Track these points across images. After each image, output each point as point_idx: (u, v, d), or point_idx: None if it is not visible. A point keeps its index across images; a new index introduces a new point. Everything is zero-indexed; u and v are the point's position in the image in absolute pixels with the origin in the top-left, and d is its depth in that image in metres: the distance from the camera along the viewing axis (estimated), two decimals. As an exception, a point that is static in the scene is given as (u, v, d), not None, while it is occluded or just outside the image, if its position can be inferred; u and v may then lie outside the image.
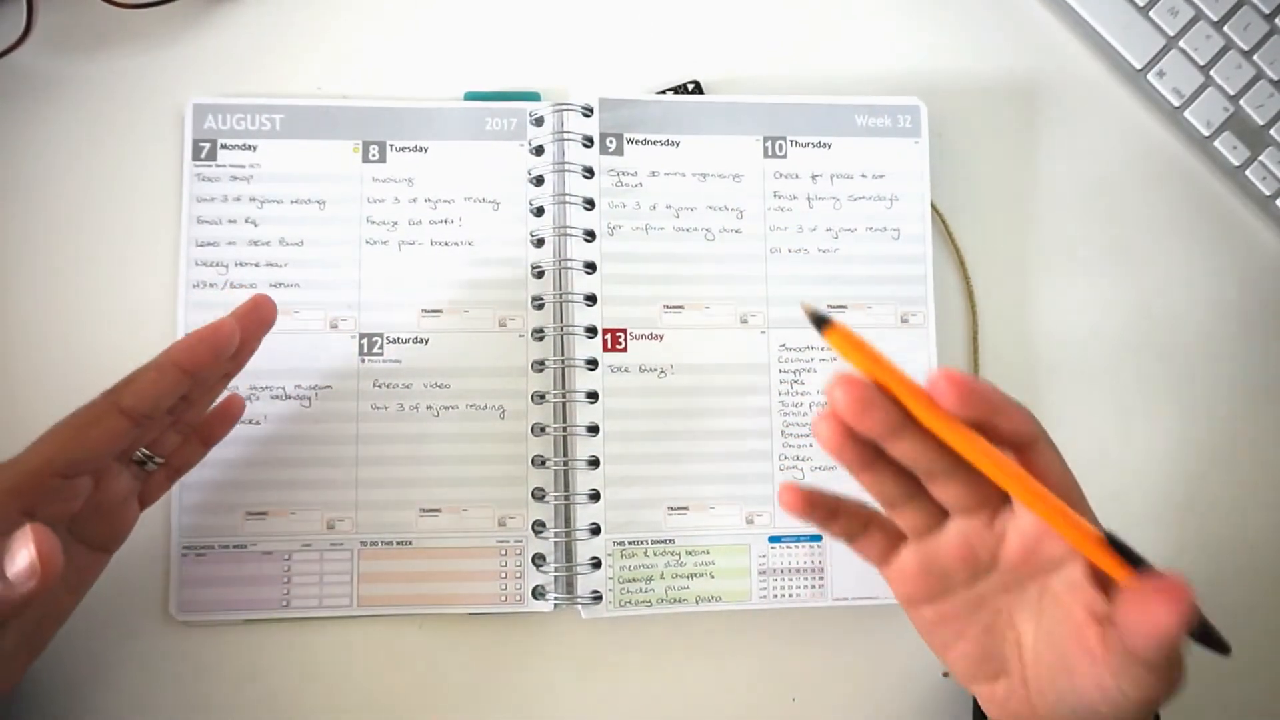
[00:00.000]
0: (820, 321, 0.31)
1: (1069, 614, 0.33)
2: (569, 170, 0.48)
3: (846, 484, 0.45)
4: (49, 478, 0.35)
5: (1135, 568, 0.31)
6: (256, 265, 0.46)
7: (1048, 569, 0.34)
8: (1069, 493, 0.33)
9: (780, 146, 0.49)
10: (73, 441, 0.36)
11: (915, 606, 0.36)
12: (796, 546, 0.47)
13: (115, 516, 0.39)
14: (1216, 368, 0.51)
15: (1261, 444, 0.51)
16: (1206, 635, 0.32)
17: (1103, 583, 0.32)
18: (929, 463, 0.32)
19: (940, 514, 0.35)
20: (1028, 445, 0.33)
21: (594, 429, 0.46)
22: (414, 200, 0.47)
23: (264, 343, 0.45)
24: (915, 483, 0.34)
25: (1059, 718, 0.34)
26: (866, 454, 0.33)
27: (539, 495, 0.46)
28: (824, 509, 0.35)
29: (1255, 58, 0.51)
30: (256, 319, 0.39)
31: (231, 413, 0.43)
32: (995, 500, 0.34)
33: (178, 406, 0.39)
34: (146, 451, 0.40)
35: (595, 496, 0.46)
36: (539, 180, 0.48)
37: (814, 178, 0.49)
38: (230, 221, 0.46)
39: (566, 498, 0.46)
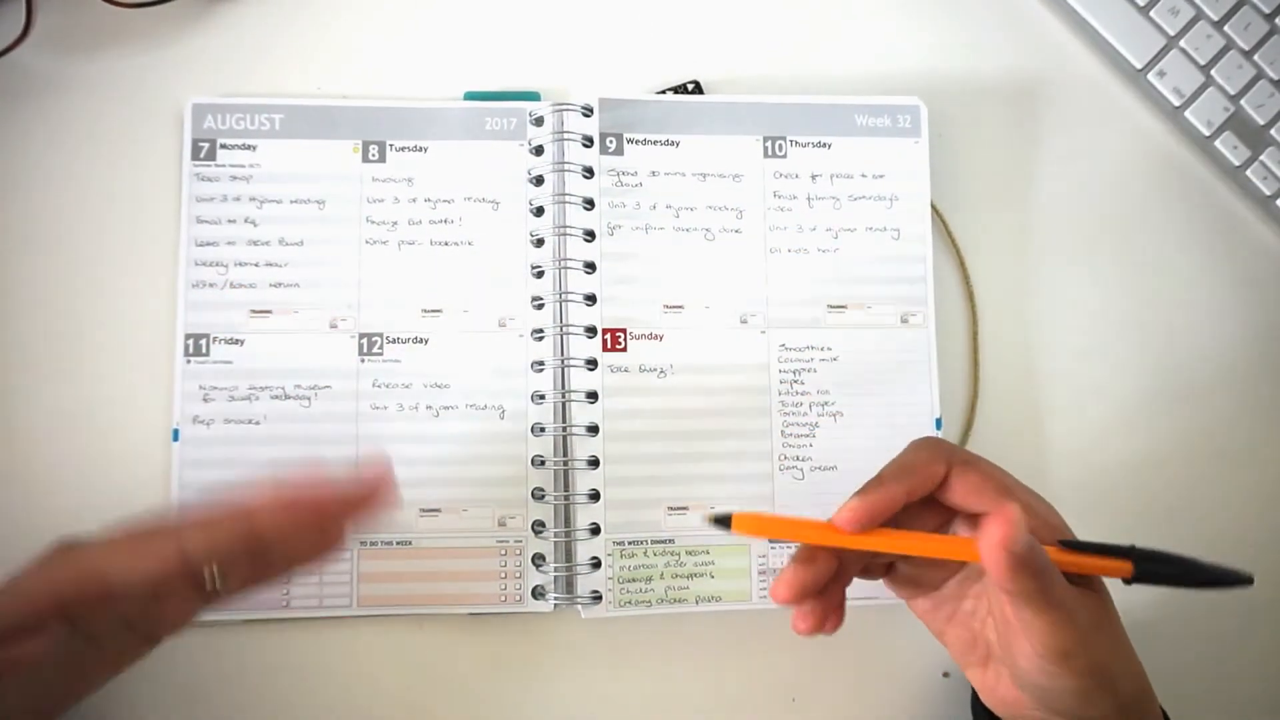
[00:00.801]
0: (723, 521, 0.37)
1: (1002, 614, 0.36)
2: (569, 170, 0.48)
3: (845, 484, 0.45)
4: (95, 586, 0.33)
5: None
6: (256, 265, 0.46)
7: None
8: (995, 494, 0.37)
9: (780, 146, 0.49)
10: (126, 564, 0.33)
11: (913, 601, 0.41)
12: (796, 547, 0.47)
13: (171, 618, 0.36)
14: (1217, 367, 0.51)
15: (1263, 443, 0.51)
16: (1179, 575, 0.35)
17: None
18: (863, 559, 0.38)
19: None
20: (948, 479, 0.37)
21: (594, 429, 0.46)
22: (414, 200, 0.47)
23: (264, 342, 0.46)
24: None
25: (1031, 701, 0.37)
26: (832, 604, 0.38)
27: (539, 495, 0.46)
28: (815, 590, 0.38)
29: (1256, 57, 0.51)
30: (371, 502, 0.36)
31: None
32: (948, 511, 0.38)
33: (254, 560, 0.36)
34: (219, 576, 0.36)
35: (595, 496, 0.46)
36: (539, 180, 0.48)
37: (814, 178, 0.49)
38: (230, 221, 0.46)
39: (566, 498, 0.46)
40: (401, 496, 0.37)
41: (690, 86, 0.50)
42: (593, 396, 0.46)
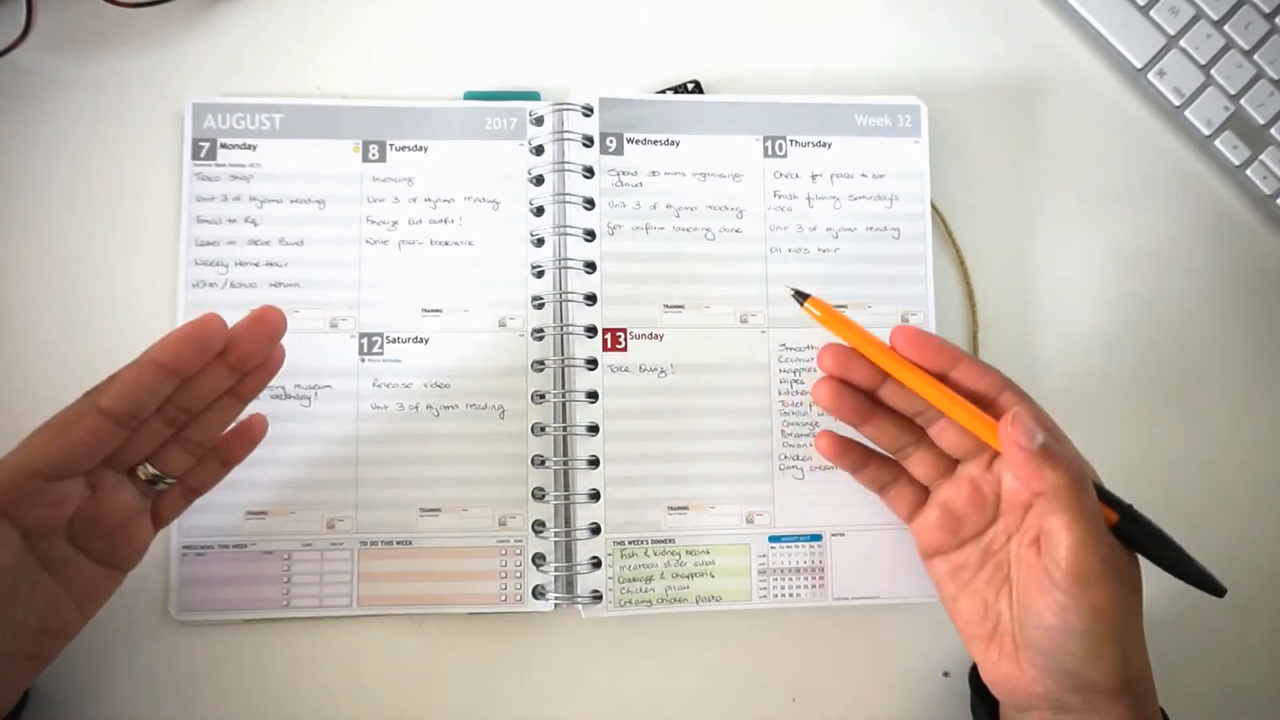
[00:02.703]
0: (801, 296, 0.42)
1: (1025, 555, 0.39)
2: (569, 170, 0.48)
3: (846, 484, 0.45)
4: (28, 479, 0.34)
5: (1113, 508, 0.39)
6: (256, 265, 0.46)
7: (1025, 508, 0.40)
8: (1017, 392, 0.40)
9: (780, 146, 0.49)
10: (52, 442, 0.35)
11: (933, 559, 0.43)
12: (796, 546, 0.47)
13: (121, 531, 0.38)
14: (1217, 367, 0.51)
15: (1263, 443, 0.51)
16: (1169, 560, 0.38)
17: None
18: (910, 404, 0.41)
19: (948, 462, 0.42)
20: (994, 397, 0.40)
21: (594, 429, 0.46)
22: (414, 200, 0.47)
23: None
24: (915, 432, 0.42)
25: (1035, 669, 0.37)
26: (861, 407, 0.42)
27: (539, 495, 0.46)
28: (857, 455, 0.43)
29: (1256, 57, 0.51)
30: (260, 331, 0.37)
31: (252, 433, 0.41)
32: (988, 446, 0.40)
33: (179, 418, 0.38)
34: (154, 470, 0.38)
35: (595, 496, 0.46)
36: (539, 180, 0.48)
37: (814, 177, 0.49)
38: (230, 221, 0.46)
39: (566, 497, 0.46)
40: (284, 354, 0.40)
41: (690, 86, 0.50)
42: (593, 396, 0.46)
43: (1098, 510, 0.36)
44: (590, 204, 0.48)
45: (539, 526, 0.46)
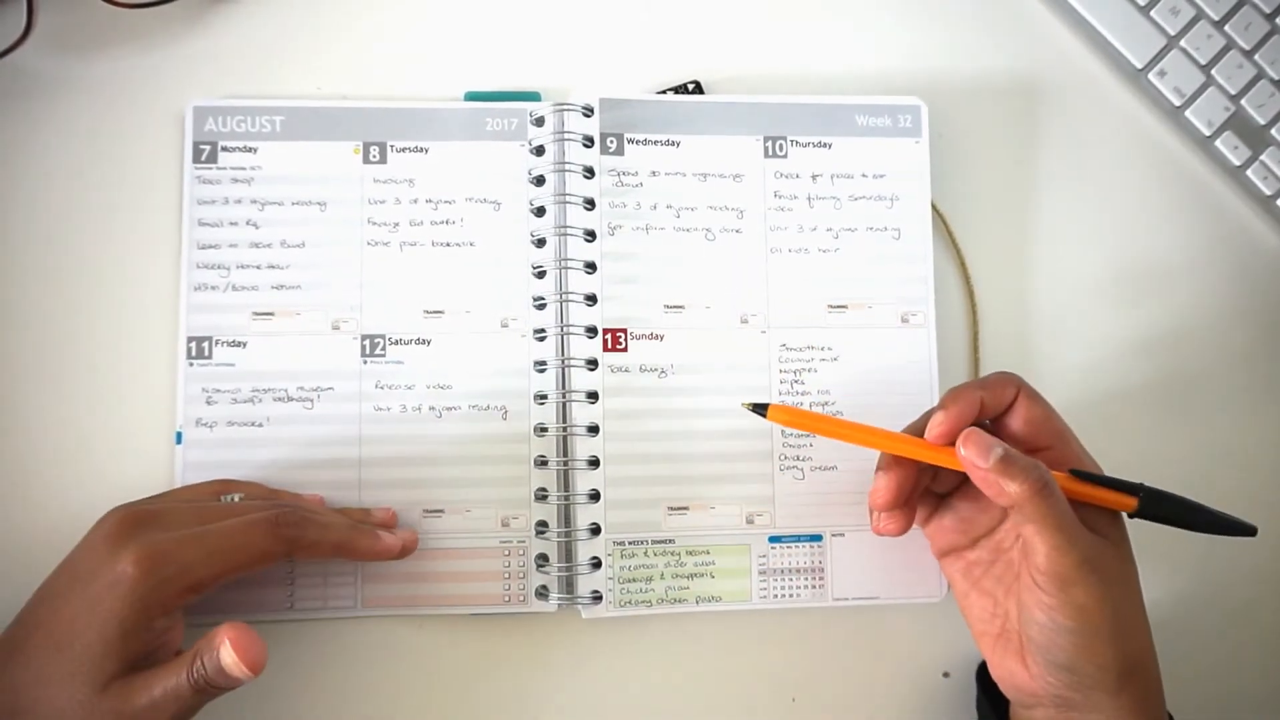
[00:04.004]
0: (760, 408, 0.41)
1: (1016, 557, 0.40)
2: (569, 170, 0.48)
3: (846, 484, 0.45)
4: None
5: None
6: (258, 267, 0.46)
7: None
8: (1052, 433, 0.41)
9: (780, 146, 0.49)
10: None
11: (947, 557, 0.43)
12: (796, 546, 0.47)
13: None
14: (1217, 368, 0.51)
15: (1263, 444, 0.51)
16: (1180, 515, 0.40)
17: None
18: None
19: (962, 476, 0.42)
20: (1014, 404, 0.41)
21: (594, 429, 0.46)
22: (415, 201, 0.47)
23: (267, 345, 0.46)
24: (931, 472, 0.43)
25: (1037, 666, 0.38)
26: (913, 505, 0.43)
27: (541, 495, 0.46)
28: (903, 503, 0.42)
29: (1256, 57, 0.51)
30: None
31: None
32: None
33: None
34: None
35: (595, 496, 0.46)
36: (540, 180, 0.48)
37: (814, 178, 0.49)
38: (231, 224, 0.46)
39: (566, 498, 0.46)
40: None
41: (690, 86, 0.50)
42: (593, 396, 0.47)
43: (1067, 513, 0.37)
44: (591, 204, 0.48)
45: (541, 527, 0.46)
